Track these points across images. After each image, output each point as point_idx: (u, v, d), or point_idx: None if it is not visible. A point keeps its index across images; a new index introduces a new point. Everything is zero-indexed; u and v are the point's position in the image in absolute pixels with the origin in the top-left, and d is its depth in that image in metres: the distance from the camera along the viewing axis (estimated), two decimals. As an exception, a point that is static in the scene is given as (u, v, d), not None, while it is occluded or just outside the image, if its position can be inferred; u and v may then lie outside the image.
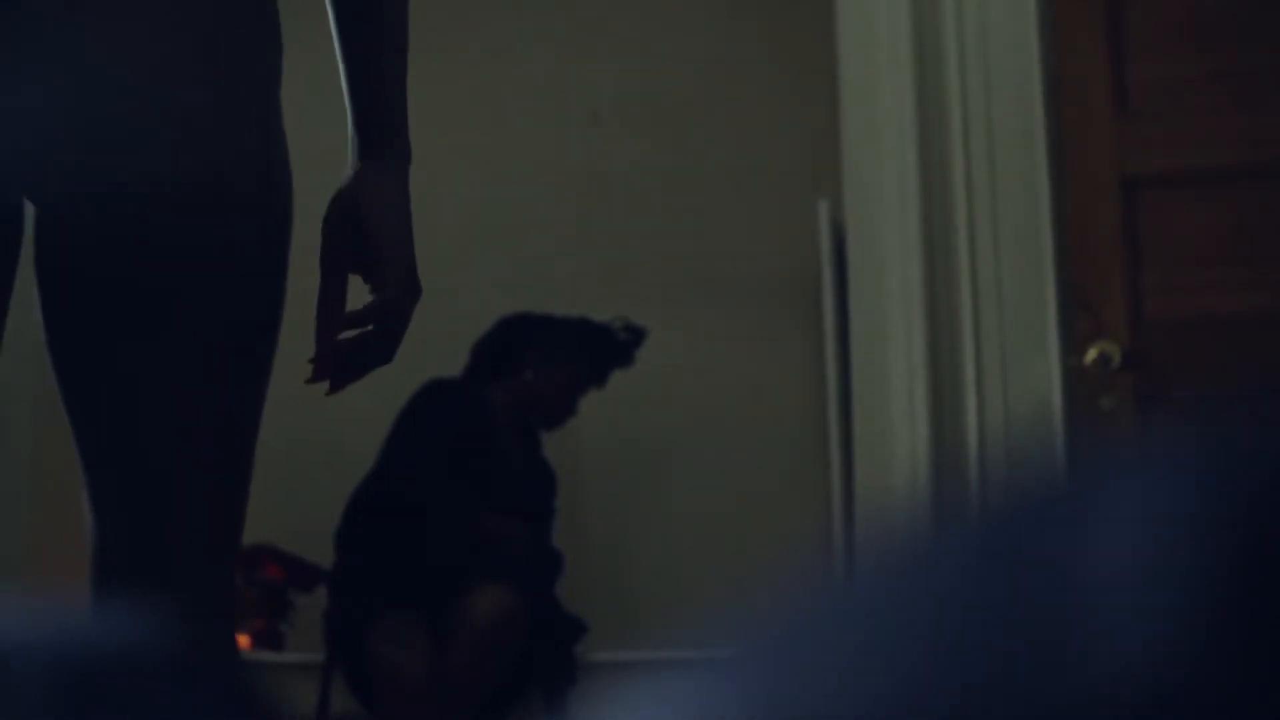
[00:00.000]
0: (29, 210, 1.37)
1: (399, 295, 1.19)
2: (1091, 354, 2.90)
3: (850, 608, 0.33)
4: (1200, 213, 2.89)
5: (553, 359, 3.66)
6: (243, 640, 3.88)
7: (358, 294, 1.33)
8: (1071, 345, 2.92)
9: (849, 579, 0.35)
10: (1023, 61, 3.03)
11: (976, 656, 0.29)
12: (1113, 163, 2.96)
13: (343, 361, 1.23)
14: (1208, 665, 0.28)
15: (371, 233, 1.19)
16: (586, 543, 3.98)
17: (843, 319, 3.40)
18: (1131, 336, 2.90)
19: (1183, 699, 0.28)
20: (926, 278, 3.00)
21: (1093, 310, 2.92)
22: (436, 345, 3.88)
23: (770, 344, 3.91)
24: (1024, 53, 3.03)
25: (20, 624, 0.49)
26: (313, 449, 4.16)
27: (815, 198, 3.65)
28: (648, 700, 0.35)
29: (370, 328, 1.19)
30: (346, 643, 3.49)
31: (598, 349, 3.67)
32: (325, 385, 1.37)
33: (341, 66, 1.29)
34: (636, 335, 3.66)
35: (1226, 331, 2.82)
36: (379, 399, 3.78)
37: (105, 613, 0.50)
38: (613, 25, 4.29)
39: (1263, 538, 0.29)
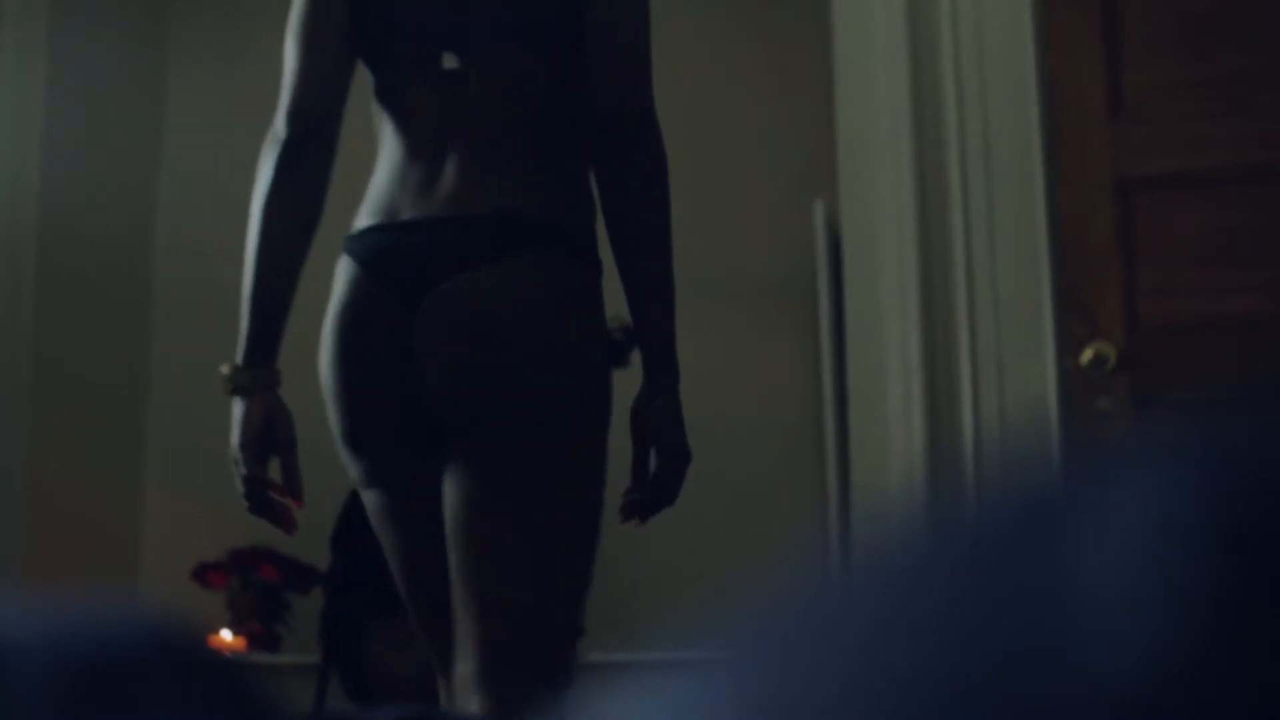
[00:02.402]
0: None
1: (675, 461, 1.72)
2: (1087, 355, 2.90)
3: (847, 608, 0.34)
4: (1195, 215, 2.89)
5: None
6: (239, 642, 3.88)
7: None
8: (1067, 346, 2.92)
9: (845, 579, 0.35)
10: (1018, 64, 3.03)
11: (974, 656, 0.30)
12: (1108, 165, 2.97)
13: (646, 504, 1.72)
14: (1204, 664, 0.28)
15: (654, 426, 1.72)
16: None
17: (838, 319, 3.40)
18: (1127, 338, 2.90)
19: (1179, 698, 0.28)
20: (922, 278, 3.01)
21: (1088, 312, 2.93)
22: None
23: (765, 344, 3.91)
24: (1019, 55, 3.03)
25: (20, 623, 0.49)
26: (309, 451, 4.16)
27: (811, 197, 3.64)
28: (646, 700, 0.35)
29: (659, 481, 1.72)
30: (343, 644, 3.49)
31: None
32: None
33: (630, 314, 1.75)
34: (631, 336, 3.66)
35: (1222, 333, 2.82)
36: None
37: (104, 612, 0.50)
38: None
39: (1258, 538, 0.29)
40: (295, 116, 1.78)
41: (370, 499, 1.82)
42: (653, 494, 1.72)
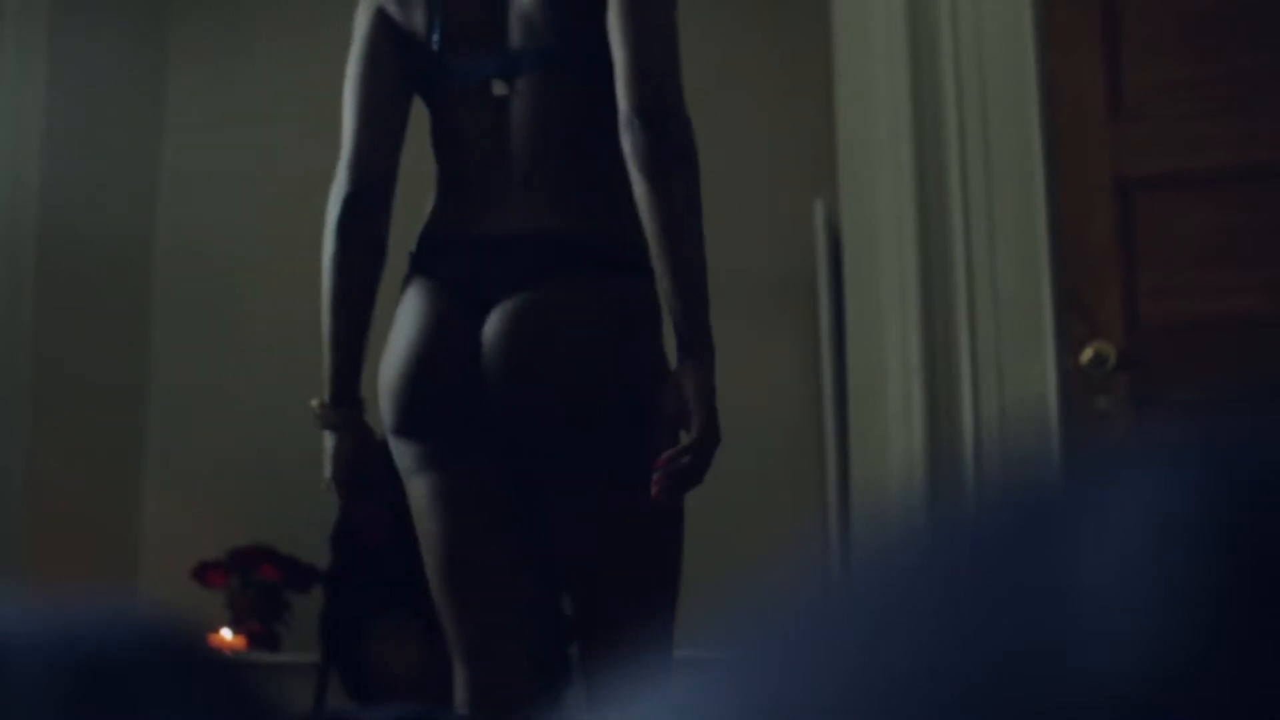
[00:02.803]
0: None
1: (706, 438, 1.73)
2: (1087, 355, 2.90)
3: (847, 608, 0.34)
4: (1195, 215, 2.89)
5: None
6: (239, 641, 3.88)
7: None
8: (1067, 346, 2.92)
9: (845, 579, 0.35)
10: (1018, 64, 3.03)
11: (974, 656, 0.30)
12: (1108, 165, 2.97)
13: (673, 481, 1.72)
14: (1204, 664, 0.28)
15: (686, 402, 1.73)
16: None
17: (838, 319, 3.40)
18: (1127, 337, 2.90)
19: (1179, 698, 0.28)
20: (922, 278, 3.01)
21: (1088, 311, 2.93)
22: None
23: (765, 343, 3.91)
24: (1019, 55, 3.03)
25: (20, 623, 0.49)
26: (309, 451, 4.16)
27: (811, 197, 3.64)
28: (646, 701, 0.35)
29: (688, 458, 1.72)
30: (343, 643, 3.49)
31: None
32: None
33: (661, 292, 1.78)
34: None
35: (1222, 333, 2.82)
36: (375, 400, 3.78)
37: (104, 612, 0.50)
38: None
39: (1257, 537, 0.29)
40: (356, 171, 1.92)
41: (421, 484, 1.88)
42: (686, 470, 1.74)
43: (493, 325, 1.79)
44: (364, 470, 1.94)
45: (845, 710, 0.30)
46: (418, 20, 1.91)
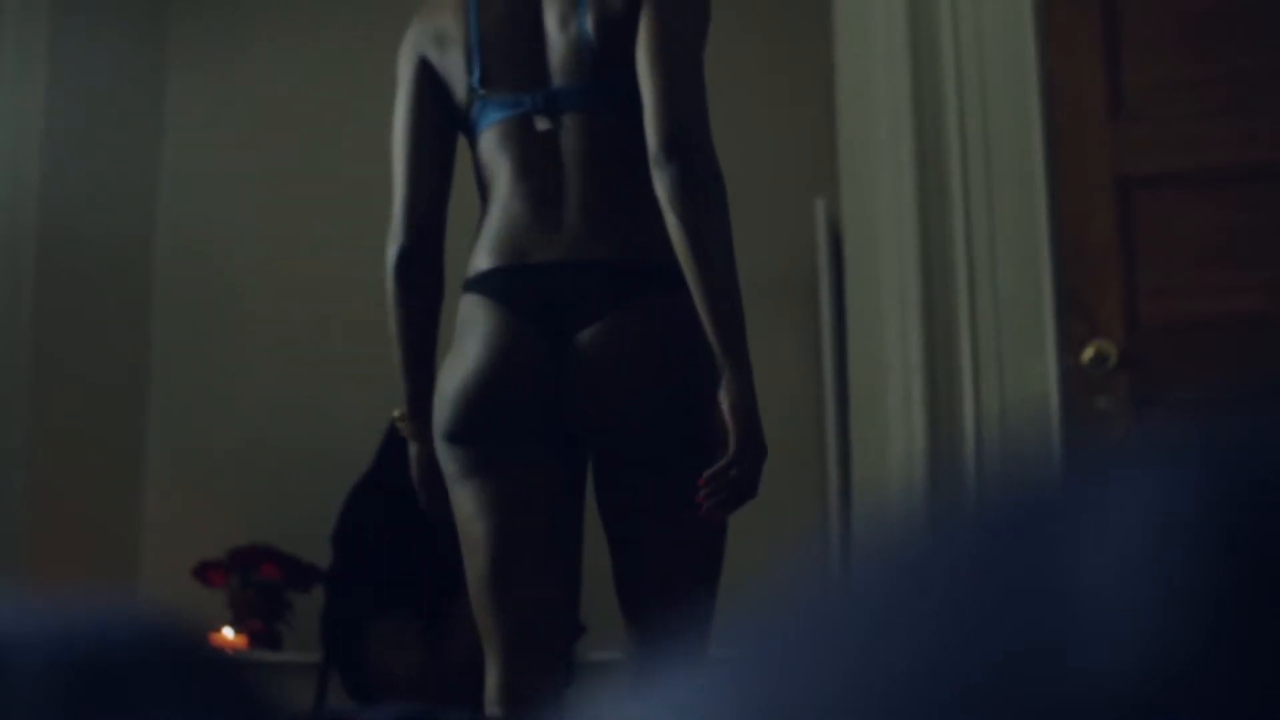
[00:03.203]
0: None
1: (750, 451, 1.83)
2: (1087, 354, 2.90)
3: (847, 608, 0.34)
4: (1195, 214, 2.89)
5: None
6: (240, 640, 3.88)
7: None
8: (1067, 345, 2.92)
9: (845, 579, 0.35)
10: (1019, 63, 3.03)
11: (974, 656, 0.30)
12: (1108, 165, 2.97)
13: (721, 498, 1.82)
14: (1204, 664, 0.28)
15: (730, 419, 1.83)
16: (584, 542, 3.97)
17: (839, 317, 3.40)
18: (1127, 337, 2.90)
19: (1179, 698, 0.28)
20: (923, 276, 3.01)
21: (1089, 311, 2.93)
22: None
23: (766, 342, 3.90)
24: (1020, 55, 3.03)
25: (20, 623, 0.49)
26: (309, 451, 4.16)
27: (811, 196, 3.64)
28: (646, 701, 0.35)
29: (734, 471, 1.81)
30: (343, 643, 3.49)
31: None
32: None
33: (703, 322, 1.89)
34: None
35: (1222, 333, 2.82)
36: (375, 400, 3.78)
37: (105, 611, 0.50)
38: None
39: (1258, 537, 0.29)
40: (409, 222, 2.03)
41: (472, 488, 1.95)
42: (735, 482, 1.83)
43: (578, 353, 1.91)
44: (439, 481, 2.07)
45: (845, 710, 0.30)
46: (458, 60, 2.02)
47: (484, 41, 2.00)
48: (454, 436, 1.95)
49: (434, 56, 2.04)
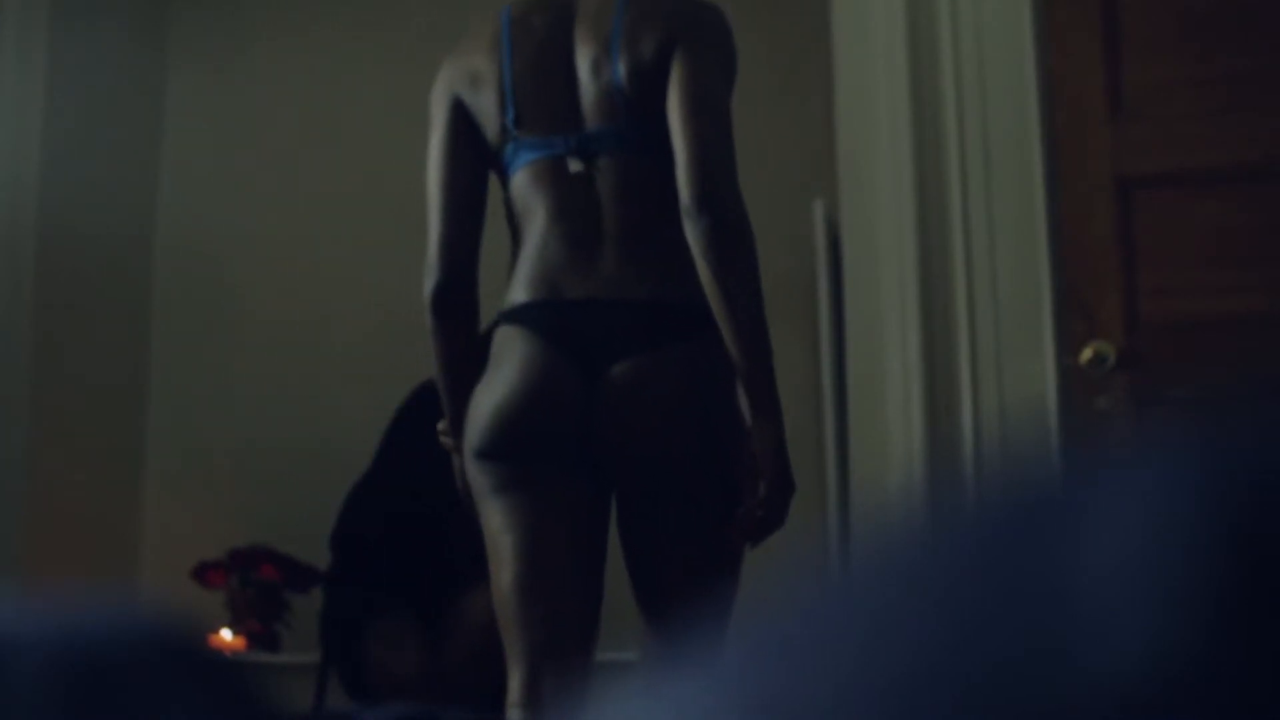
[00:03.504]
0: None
1: (781, 490, 1.96)
2: (1087, 354, 2.90)
3: (847, 607, 0.34)
4: (1195, 214, 2.89)
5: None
6: (238, 641, 3.88)
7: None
8: (1067, 345, 2.92)
9: (846, 579, 0.35)
10: (1018, 63, 3.03)
11: (974, 656, 0.30)
12: (1108, 164, 2.97)
13: (759, 528, 1.96)
14: (1204, 664, 0.28)
15: (761, 461, 1.96)
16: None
17: (838, 318, 3.40)
18: (1126, 337, 2.90)
19: (1179, 698, 0.28)
20: (922, 277, 3.01)
21: (1088, 311, 2.93)
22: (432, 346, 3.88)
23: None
24: (1019, 54, 3.03)
25: (20, 623, 0.49)
26: (309, 451, 4.16)
27: (810, 197, 3.64)
28: (646, 700, 0.35)
29: (763, 511, 1.96)
30: (342, 644, 3.49)
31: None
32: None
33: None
34: None
35: (1221, 332, 2.82)
36: (374, 401, 3.78)
37: (104, 612, 0.50)
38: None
39: (1258, 536, 0.29)
40: (445, 258, 2.09)
41: (504, 503, 2.03)
42: (764, 519, 1.96)
43: (610, 388, 2.00)
44: None
45: (845, 710, 0.30)
46: (491, 101, 2.09)
47: (517, 83, 2.07)
48: (485, 453, 2.02)
49: (468, 97, 2.11)
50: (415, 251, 4.46)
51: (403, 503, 3.56)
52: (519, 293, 2.06)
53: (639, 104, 2.03)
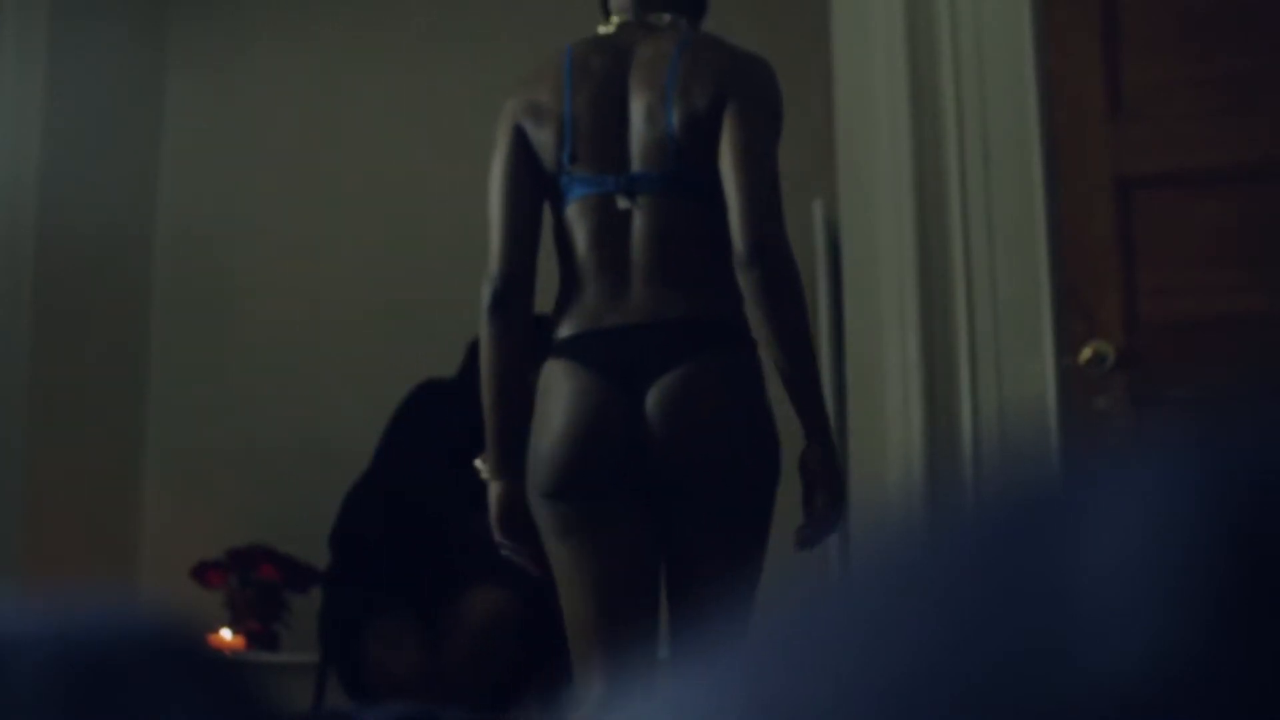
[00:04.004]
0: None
1: (833, 500, 2.17)
2: (1086, 354, 2.90)
3: (847, 607, 0.34)
4: (1195, 214, 2.89)
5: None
6: (238, 641, 3.88)
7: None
8: (1066, 345, 2.92)
9: (845, 579, 0.35)
10: (1017, 63, 3.03)
11: (974, 656, 0.30)
12: (1107, 164, 2.97)
13: (815, 535, 2.17)
14: (1204, 664, 0.28)
15: (815, 474, 2.18)
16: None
17: (837, 318, 3.40)
18: (1126, 337, 2.90)
19: (1179, 698, 0.28)
20: (921, 277, 3.01)
21: (1087, 310, 2.93)
22: (431, 346, 3.88)
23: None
24: (1018, 54, 3.03)
25: (20, 622, 0.49)
26: (308, 450, 4.16)
27: (810, 197, 3.64)
28: (646, 701, 0.35)
29: (823, 515, 2.17)
30: (341, 643, 3.49)
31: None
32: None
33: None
34: None
35: (1221, 332, 2.82)
36: (374, 400, 3.78)
37: (104, 611, 0.50)
38: (608, 26, 4.29)
39: (1257, 536, 0.29)
40: (503, 269, 2.24)
41: (573, 542, 2.18)
42: (821, 526, 2.17)
43: (654, 400, 2.14)
44: (522, 514, 2.25)
45: (845, 710, 0.30)
46: (551, 136, 2.24)
47: (576, 122, 2.23)
48: (552, 494, 2.16)
49: (530, 128, 2.25)
50: (415, 251, 4.47)
51: (402, 503, 3.56)
52: (565, 326, 2.23)
53: (688, 151, 2.19)
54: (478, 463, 2.32)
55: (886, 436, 3.00)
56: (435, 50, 4.44)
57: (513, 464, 2.26)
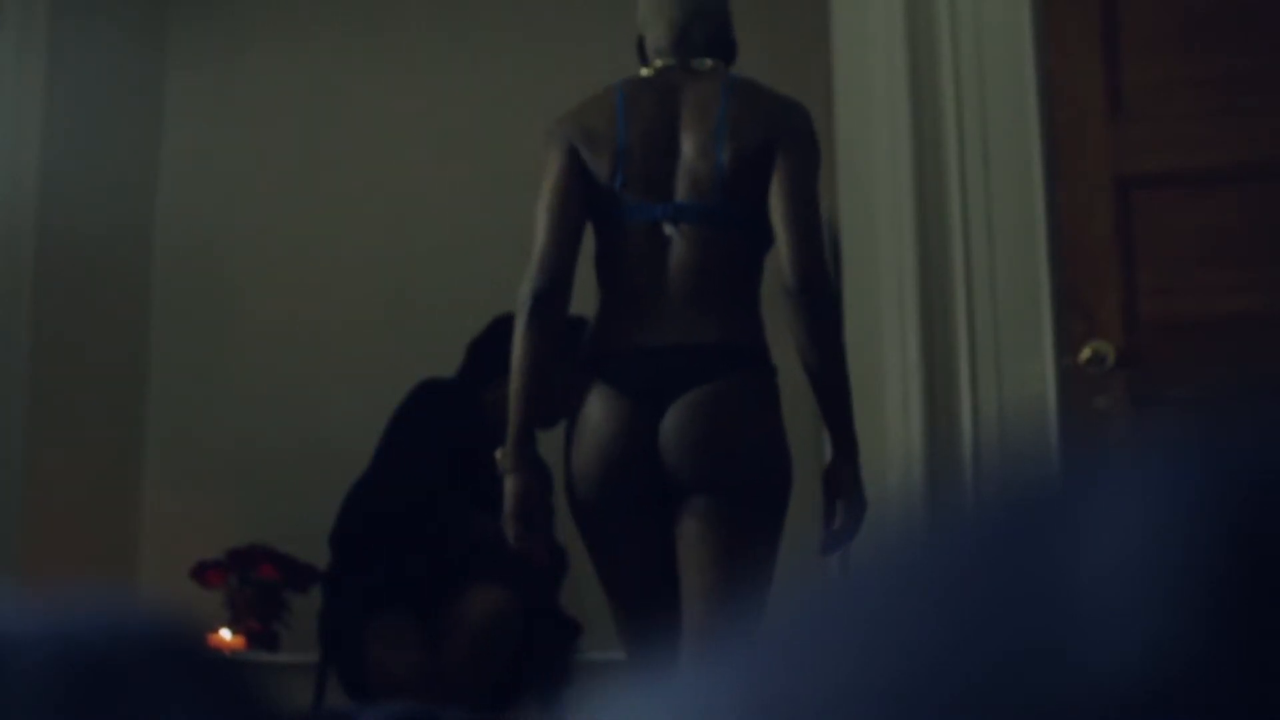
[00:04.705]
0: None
1: (856, 511, 2.36)
2: (1086, 354, 2.90)
3: (847, 607, 0.34)
4: (1194, 213, 2.89)
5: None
6: (238, 640, 3.88)
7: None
8: (1066, 345, 2.92)
9: (845, 578, 0.35)
10: (1017, 63, 3.03)
11: (973, 656, 0.30)
12: (1107, 164, 2.97)
13: (837, 543, 2.35)
14: (1204, 664, 0.28)
15: (840, 488, 2.38)
16: (582, 542, 3.97)
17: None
18: (1125, 336, 2.90)
19: (1179, 698, 0.28)
20: (921, 278, 3.01)
21: (1087, 310, 2.93)
22: (431, 345, 3.88)
23: (765, 344, 3.91)
24: (1018, 55, 3.03)
25: (20, 622, 0.49)
26: (308, 450, 4.16)
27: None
28: (646, 700, 0.35)
29: (845, 525, 2.36)
30: (341, 643, 3.49)
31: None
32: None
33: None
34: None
35: (1220, 332, 2.82)
36: (374, 400, 3.78)
37: (104, 611, 0.50)
38: (610, 27, 4.29)
39: (1257, 536, 0.29)
40: (545, 271, 2.38)
41: (609, 552, 2.40)
42: (841, 534, 2.34)
43: (672, 415, 2.31)
44: (536, 507, 2.42)
45: (845, 710, 0.30)
46: (605, 162, 2.41)
47: (629, 152, 2.40)
48: (587, 509, 2.37)
49: (584, 151, 2.42)
50: (415, 252, 4.47)
51: (402, 503, 3.56)
52: (604, 344, 2.39)
53: (733, 185, 2.37)
54: (498, 454, 2.42)
55: (886, 436, 3.00)
56: (435, 51, 4.44)
57: (530, 457, 2.41)
